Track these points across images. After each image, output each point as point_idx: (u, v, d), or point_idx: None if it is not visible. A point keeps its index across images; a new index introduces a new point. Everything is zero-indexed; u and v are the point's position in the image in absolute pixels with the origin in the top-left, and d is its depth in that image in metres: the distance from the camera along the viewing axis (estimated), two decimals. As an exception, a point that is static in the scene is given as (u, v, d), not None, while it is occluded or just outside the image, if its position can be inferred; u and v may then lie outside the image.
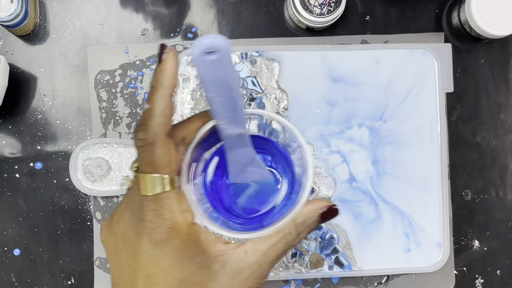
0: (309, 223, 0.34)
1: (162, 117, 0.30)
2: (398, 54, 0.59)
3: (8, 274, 0.58)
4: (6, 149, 0.58)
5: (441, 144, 0.58)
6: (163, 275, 0.30)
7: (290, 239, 0.33)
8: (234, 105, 0.34)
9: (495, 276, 0.60)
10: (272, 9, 0.60)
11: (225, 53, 0.31)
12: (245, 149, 0.38)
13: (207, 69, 0.31)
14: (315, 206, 0.34)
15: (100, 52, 0.58)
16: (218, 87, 0.32)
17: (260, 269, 0.32)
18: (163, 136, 0.30)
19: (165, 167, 0.30)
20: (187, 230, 0.31)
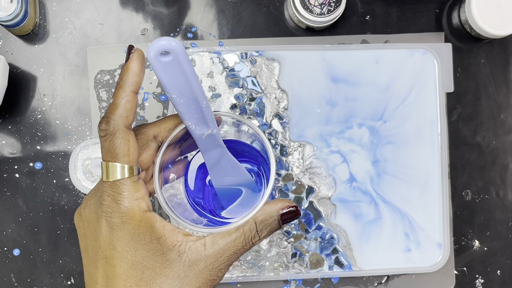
0: (270, 222, 0.35)
1: (123, 111, 0.33)
2: (398, 54, 0.59)
3: (8, 274, 0.58)
4: (6, 149, 0.58)
5: (441, 144, 0.58)
6: (118, 257, 0.33)
7: (249, 236, 0.35)
8: (199, 105, 0.35)
9: (495, 276, 0.60)
10: (272, 9, 0.60)
11: (179, 54, 0.32)
12: (219, 150, 0.39)
13: (164, 70, 0.33)
14: (276, 206, 0.35)
15: (100, 52, 0.58)
16: (178, 87, 0.34)
17: (216, 262, 0.34)
18: (123, 128, 0.33)
19: (123, 156, 0.33)
20: (140, 217, 0.33)
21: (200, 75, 0.58)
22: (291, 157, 0.58)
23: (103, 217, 0.33)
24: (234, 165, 0.41)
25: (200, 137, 0.37)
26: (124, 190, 0.33)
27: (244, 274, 0.57)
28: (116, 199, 0.33)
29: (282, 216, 0.36)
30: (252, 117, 0.58)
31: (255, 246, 0.57)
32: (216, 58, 0.58)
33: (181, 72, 0.33)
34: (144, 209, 0.33)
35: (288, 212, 0.36)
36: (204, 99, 0.35)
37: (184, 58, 0.33)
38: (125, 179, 0.33)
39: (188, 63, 0.33)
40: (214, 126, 0.37)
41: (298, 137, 0.58)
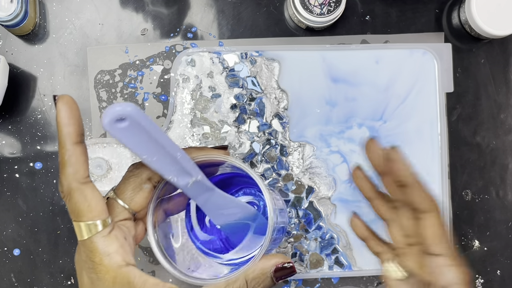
0: (262, 279, 0.34)
1: (70, 168, 0.32)
2: (398, 54, 0.59)
3: (8, 274, 0.58)
4: (6, 149, 0.58)
5: (441, 144, 0.58)
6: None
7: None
8: (173, 158, 0.33)
9: (495, 276, 0.60)
10: (272, 9, 0.60)
11: (136, 117, 0.31)
12: (210, 193, 0.37)
13: (124, 136, 0.31)
14: (269, 263, 0.34)
15: (100, 52, 0.58)
16: (146, 148, 0.32)
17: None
18: (77, 184, 0.32)
19: (85, 214, 0.32)
20: (115, 273, 0.32)
21: (200, 75, 0.58)
22: (291, 157, 0.58)
23: (84, 271, 0.33)
24: (230, 202, 0.39)
25: (185, 187, 0.35)
26: (93, 248, 0.32)
27: (244, 274, 0.57)
28: (89, 256, 0.32)
29: (276, 273, 0.34)
30: (252, 117, 0.58)
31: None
32: (216, 58, 0.58)
33: (143, 133, 0.31)
34: (118, 264, 0.32)
35: (282, 268, 0.34)
36: (178, 151, 0.33)
37: (142, 119, 0.31)
38: (94, 237, 0.32)
39: (148, 122, 0.31)
40: (197, 173, 0.35)
41: (298, 137, 0.58)
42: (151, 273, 0.58)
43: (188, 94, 0.58)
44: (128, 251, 0.34)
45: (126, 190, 0.35)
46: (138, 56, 0.58)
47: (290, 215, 0.57)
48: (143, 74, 0.58)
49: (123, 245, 0.33)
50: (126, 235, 0.34)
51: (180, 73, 0.58)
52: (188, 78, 0.58)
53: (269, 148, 0.58)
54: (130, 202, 0.35)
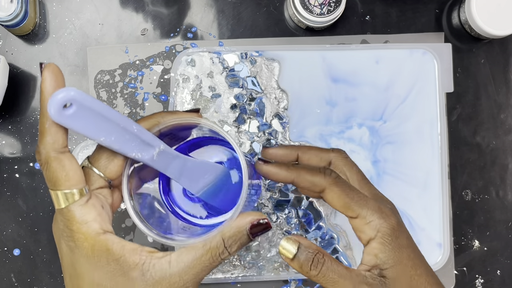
0: (239, 237, 0.34)
1: (49, 137, 0.32)
2: (398, 54, 0.59)
3: (8, 274, 0.58)
4: (6, 149, 0.58)
5: (441, 144, 0.58)
6: (78, 277, 0.33)
7: (217, 253, 0.34)
8: (130, 134, 0.33)
9: (495, 276, 0.60)
10: (272, 9, 0.60)
11: (83, 101, 0.30)
12: (177, 160, 0.37)
13: (75, 122, 0.31)
14: (245, 220, 0.34)
15: (100, 52, 0.58)
16: (101, 129, 0.32)
17: (181, 280, 0.33)
18: (54, 154, 0.32)
19: (63, 183, 0.32)
20: (93, 241, 0.33)
21: (200, 75, 0.58)
22: (291, 157, 0.58)
23: (62, 239, 0.34)
24: (199, 166, 0.39)
25: (151, 160, 0.35)
26: (71, 216, 0.33)
27: (244, 274, 0.57)
28: (67, 225, 0.33)
29: (252, 229, 0.35)
30: (252, 117, 0.58)
31: (254, 246, 0.57)
32: (216, 58, 0.58)
33: (94, 115, 0.31)
34: (96, 232, 0.33)
35: (258, 225, 0.35)
36: (133, 124, 0.33)
37: (88, 100, 0.30)
38: (71, 205, 0.33)
39: (95, 102, 0.31)
40: (158, 143, 0.35)
41: (298, 137, 0.58)
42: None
43: (188, 94, 0.58)
44: (105, 219, 0.34)
45: (100, 159, 0.35)
46: (138, 56, 0.58)
47: (290, 215, 0.57)
48: (143, 74, 0.58)
49: (101, 213, 0.34)
50: (103, 203, 0.35)
51: (180, 73, 0.58)
52: (188, 78, 0.58)
53: (269, 148, 0.58)
54: (105, 170, 0.35)
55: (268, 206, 0.57)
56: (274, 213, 0.57)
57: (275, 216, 0.57)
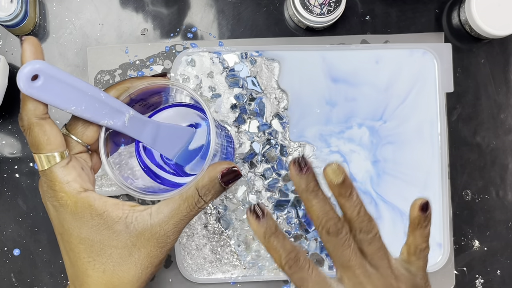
0: (212, 185, 0.37)
1: (30, 104, 0.34)
2: (398, 54, 0.59)
3: (8, 274, 0.58)
4: (6, 149, 0.58)
5: (441, 144, 0.58)
6: (67, 234, 0.36)
7: (193, 202, 0.36)
8: (100, 101, 0.35)
9: (495, 276, 0.60)
10: (272, 9, 0.60)
11: (49, 71, 0.32)
12: (149, 125, 0.38)
13: (45, 93, 0.32)
14: (215, 170, 0.37)
15: (100, 52, 0.58)
16: (70, 98, 0.34)
17: (162, 230, 0.36)
18: (36, 120, 0.34)
19: (45, 147, 0.35)
20: (75, 198, 0.35)
21: (200, 75, 0.58)
22: (291, 157, 0.58)
23: (47, 200, 0.36)
24: (170, 129, 0.41)
25: (123, 126, 0.37)
26: (53, 177, 0.35)
27: (244, 274, 0.57)
28: (50, 186, 0.35)
29: (223, 178, 0.37)
30: (252, 117, 0.58)
31: (254, 246, 0.57)
32: (216, 58, 0.58)
33: (62, 85, 0.33)
34: (77, 191, 0.35)
35: (227, 173, 0.37)
36: (100, 92, 0.35)
37: (55, 71, 0.32)
38: (53, 167, 0.35)
39: (61, 72, 0.33)
40: (127, 109, 0.36)
41: (298, 137, 0.58)
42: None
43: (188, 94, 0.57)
44: (85, 180, 0.36)
45: (77, 126, 0.37)
46: (138, 56, 0.58)
47: (290, 215, 0.57)
48: (143, 74, 0.58)
49: (81, 174, 0.36)
50: (83, 165, 0.37)
51: (180, 73, 0.58)
52: (188, 78, 0.58)
53: (269, 148, 0.58)
54: (82, 136, 0.37)
55: (268, 206, 0.57)
56: (274, 213, 0.57)
57: (275, 216, 0.57)
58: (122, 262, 0.36)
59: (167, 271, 0.58)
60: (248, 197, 0.57)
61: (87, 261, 0.36)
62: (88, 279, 0.36)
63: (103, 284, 0.36)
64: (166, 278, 0.58)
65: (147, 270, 0.37)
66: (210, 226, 0.57)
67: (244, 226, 0.57)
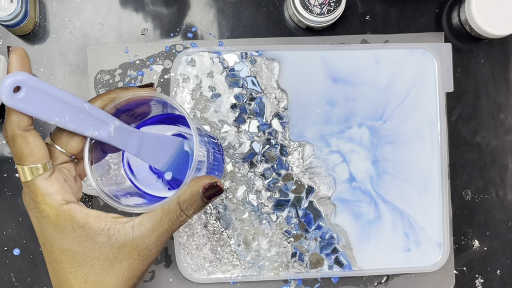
0: (193, 200, 0.37)
1: (15, 116, 0.34)
2: (398, 54, 0.59)
3: (8, 274, 0.58)
4: (6, 149, 0.58)
5: (441, 144, 0.58)
6: (49, 244, 0.36)
7: (174, 217, 0.36)
8: (84, 112, 0.34)
9: (495, 276, 0.60)
10: (272, 8, 0.60)
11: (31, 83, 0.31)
12: (134, 135, 0.38)
13: (27, 104, 0.32)
14: (197, 185, 0.37)
15: (100, 51, 0.58)
16: (54, 110, 0.33)
17: (143, 243, 0.36)
18: (19, 131, 0.34)
19: (28, 158, 0.35)
20: (57, 211, 0.35)
21: (200, 75, 0.58)
22: (291, 157, 0.58)
23: (30, 211, 0.36)
24: (158, 139, 0.40)
25: (109, 137, 0.36)
26: (35, 189, 0.35)
27: (244, 274, 0.57)
28: (32, 197, 0.35)
29: (205, 193, 0.37)
30: (252, 116, 0.58)
31: (254, 245, 0.57)
32: (216, 58, 0.58)
33: (44, 96, 0.32)
34: (59, 203, 0.35)
35: (209, 188, 0.37)
36: (84, 103, 0.34)
37: (37, 82, 0.32)
38: (36, 179, 0.35)
39: (44, 84, 0.32)
40: (112, 119, 0.36)
41: (298, 137, 0.58)
42: (151, 273, 0.58)
43: (188, 94, 0.58)
44: (68, 191, 0.36)
45: (61, 136, 0.37)
46: (138, 56, 0.58)
47: (290, 215, 0.57)
48: (143, 74, 0.58)
49: (63, 186, 0.36)
50: (67, 177, 0.37)
51: (180, 73, 0.58)
52: (188, 78, 0.58)
53: (269, 148, 0.58)
54: (66, 146, 0.37)
55: (268, 206, 0.57)
56: (274, 212, 0.57)
57: (275, 215, 0.57)
58: (104, 273, 0.36)
59: (167, 271, 0.58)
60: (248, 197, 0.57)
61: (69, 271, 0.36)
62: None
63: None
64: (166, 278, 0.58)
65: (128, 282, 0.37)
66: (210, 226, 0.57)
67: (244, 226, 0.57)
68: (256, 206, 0.57)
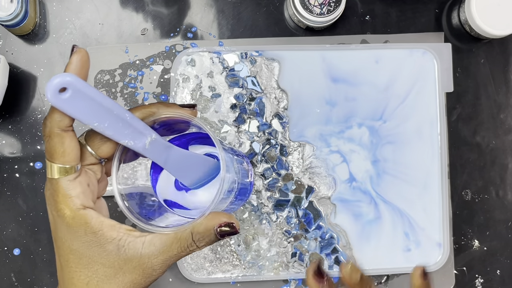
0: (207, 235, 0.37)
1: (57, 115, 0.34)
2: (398, 54, 0.59)
3: (8, 273, 0.58)
4: (6, 149, 0.58)
5: (441, 144, 0.58)
6: (60, 241, 0.37)
7: (185, 245, 0.37)
8: (124, 121, 0.35)
9: (495, 276, 0.60)
10: (272, 8, 0.60)
11: (78, 85, 0.32)
12: (169, 151, 0.38)
13: (70, 106, 0.33)
14: (213, 221, 0.37)
15: (100, 51, 0.58)
16: (95, 115, 0.34)
17: (149, 262, 0.37)
18: (58, 131, 0.35)
19: (59, 158, 0.35)
20: (73, 214, 0.36)
21: (200, 75, 0.58)
22: (291, 157, 0.58)
23: (48, 206, 0.37)
24: (190, 157, 0.41)
25: (143, 149, 0.36)
26: (58, 188, 0.36)
27: (244, 274, 0.57)
28: (53, 195, 0.36)
29: (219, 231, 0.37)
30: (252, 117, 0.58)
31: (254, 245, 0.57)
32: (216, 58, 0.58)
33: (88, 100, 0.33)
34: (77, 207, 0.36)
35: (225, 227, 0.37)
36: (126, 112, 0.35)
37: (83, 86, 0.32)
38: (61, 178, 0.36)
39: (90, 88, 0.33)
40: (150, 132, 0.36)
41: (298, 137, 0.58)
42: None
43: (188, 94, 0.58)
44: (88, 197, 0.37)
45: (95, 139, 0.37)
46: (138, 56, 0.58)
47: (290, 215, 0.57)
48: (143, 74, 0.58)
49: (85, 191, 0.37)
50: (91, 181, 0.38)
51: (180, 73, 0.58)
52: (188, 78, 0.58)
53: (269, 148, 0.58)
54: (98, 149, 0.37)
55: (268, 206, 0.57)
56: (274, 212, 0.57)
57: (275, 215, 0.57)
58: (106, 280, 0.37)
59: (167, 271, 0.58)
60: (248, 197, 0.57)
61: (74, 270, 0.37)
62: (72, 286, 0.37)
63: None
64: (166, 278, 0.58)
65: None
66: (210, 226, 0.57)
67: (244, 226, 0.57)
68: (256, 206, 0.57)
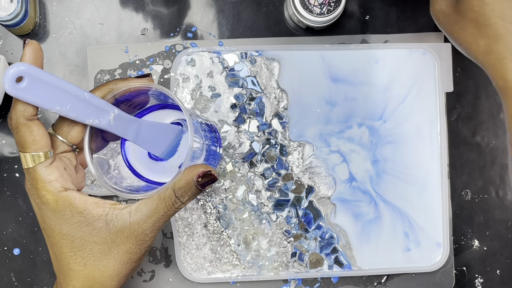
0: (188, 188, 0.38)
1: (21, 105, 0.35)
2: (398, 54, 0.59)
3: (8, 273, 0.58)
4: (6, 149, 0.58)
5: (441, 144, 0.58)
6: (49, 229, 0.38)
7: (169, 203, 0.38)
8: (84, 101, 0.36)
9: (494, 276, 0.60)
10: (272, 8, 0.60)
11: (32, 72, 0.33)
12: (134, 123, 0.39)
13: (30, 94, 0.34)
14: (192, 173, 0.38)
15: (100, 51, 0.58)
16: (55, 99, 0.35)
17: (140, 228, 0.38)
18: (24, 120, 0.36)
19: (30, 146, 0.36)
20: (56, 197, 0.37)
21: (200, 75, 0.58)
22: (290, 156, 0.58)
23: (31, 197, 0.38)
24: (156, 127, 0.41)
25: (108, 125, 0.38)
26: (36, 175, 0.37)
27: (243, 273, 0.57)
28: (32, 183, 0.37)
29: (199, 181, 0.38)
30: (252, 116, 0.58)
31: (254, 245, 0.57)
32: (216, 58, 0.58)
33: (46, 86, 0.34)
34: (58, 190, 0.37)
35: (203, 176, 0.38)
36: (84, 92, 0.36)
37: (39, 73, 0.33)
38: (37, 166, 0.37)
39: (45, 74, 0.34)
40: (111, 108, 0.37)
41: (298, 137, 0.58)
42: (151, 273, 0.58)
43: (188, 93, 0.58)
44: (67, 179, 0.38)
45: (62, 126, 0.38)
46: (138, 55, 0.58)
47: (290, 215, 0.57)
48: (142, 73, 0.58)
49: (63, 174, 0.38)
50: (67, 165, 0.39)
51: (180, 72, 0.58)
52: (188, 77, 0.58)
53: (269, 147, 0.58)
54: (67, 136, 0.38)
55: (268, 205, 0.57)
56: (274, 212, 0.57)
57: (275, 215, 0.57)
58: (102, 257, 0.38)
59: (167, 271, 0.58)
60: (248, 197, 0.57)
61: (69, 255, 0.38)
62: (71, 272, 0.38)
63: (85, 277, 0.38)
64: (166, 278, 0.58)
65: (126, 266, 0.39)
66: (210, 226, 0.57)
67: (244, 225, 0.57)
68: (256, 206, 0.57)
